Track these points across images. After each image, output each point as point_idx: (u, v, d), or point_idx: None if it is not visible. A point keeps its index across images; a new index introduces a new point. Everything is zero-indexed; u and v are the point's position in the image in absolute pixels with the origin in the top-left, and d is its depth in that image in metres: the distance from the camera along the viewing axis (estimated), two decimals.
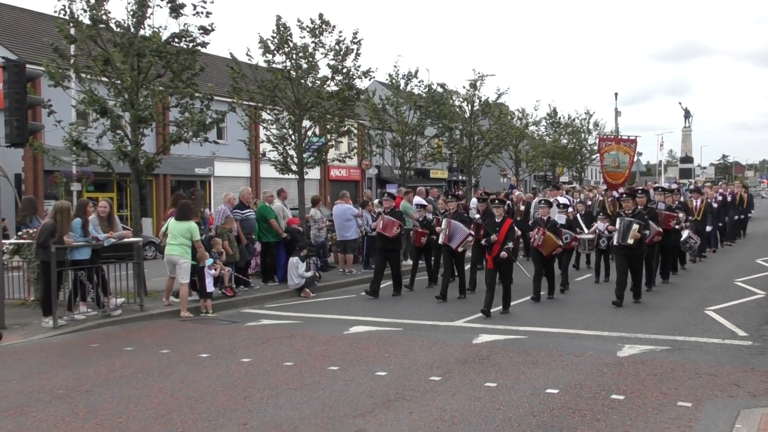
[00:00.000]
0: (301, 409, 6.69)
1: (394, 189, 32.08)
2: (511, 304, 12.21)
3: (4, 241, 12.15)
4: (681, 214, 16.02)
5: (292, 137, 19.56)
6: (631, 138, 25.75)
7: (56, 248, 10.99)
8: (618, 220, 12.73)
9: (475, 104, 32.03)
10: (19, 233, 13.49)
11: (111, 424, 6.34)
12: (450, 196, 15.15)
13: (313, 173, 37.25)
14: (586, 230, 15.85)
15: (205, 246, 12.87)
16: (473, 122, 32.06)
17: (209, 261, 12.81)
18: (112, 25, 13.76)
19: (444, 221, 13.89)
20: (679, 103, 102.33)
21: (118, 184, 31.12)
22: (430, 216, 15.61)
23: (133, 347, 9.76)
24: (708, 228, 20.35)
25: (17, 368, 8.63)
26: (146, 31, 13.86)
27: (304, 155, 19.60)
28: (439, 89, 30.01)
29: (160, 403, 6.92)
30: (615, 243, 12.73)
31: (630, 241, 12.30)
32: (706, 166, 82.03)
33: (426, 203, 17.12)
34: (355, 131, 23.66)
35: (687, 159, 70.40)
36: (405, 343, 9.56)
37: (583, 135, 49.38)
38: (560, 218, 14.31)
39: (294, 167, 19.61)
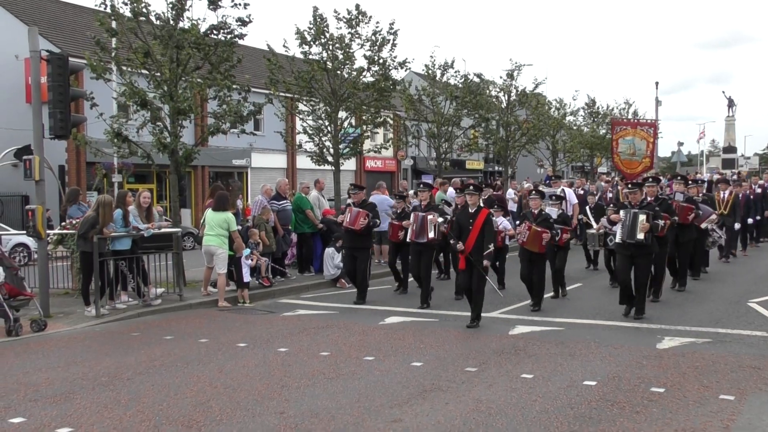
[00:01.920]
0: (337, 399, 6.73)
1: (429, 180, 32.01)
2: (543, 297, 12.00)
3: (48, 231, 12.42)
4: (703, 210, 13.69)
5: (328, 128, 19.62)
6: (649, 122, 23.14)
7: (97, 239, 11.20)
8: (622, 213, 10.69)
9: (512, 94, 31.71)
10: (63, 223, 13.78)
11: (152, 411, 6.45)
12: (422, 186, 13.26)
13: (349, 164, 37.33)
14: (595, 225, 14.52)
15: (242, 237, 13.00)
16: (510, 113, 31.77)
17: (246, 251, 12.94)
18: (152, 18, 13.95)
19: (412, 215, 12.34)
20: (723, 92, 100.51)
21: (158, 176, 31.58)
22: (412, 206, 13.47)
23: (172, 336, 9.92)
24: (736, 225, 17.69)
25: (62, 356, 8.83)
26: (185, 24, 14.02)
27: (340, 146, 19.66)
28: (476, 79, 29.80)
29: (199, 392, 7.03)
30: (618, 240, 10.70)
31: (640, 236, 10.25)
32: (750, 156, 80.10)
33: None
34: (391, 122, 23.63)
35: (730, 149, 68.89)
36: (441, 334, 9.55)
37: None
38: (551, 212, 12.50)
39: (330, 158, 19.69)
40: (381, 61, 19.87)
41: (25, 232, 13.64)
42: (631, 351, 8.43)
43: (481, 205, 10.51)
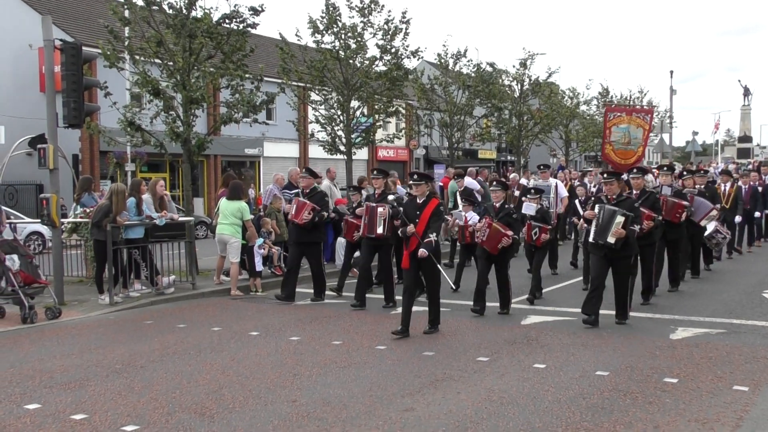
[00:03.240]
0: (349, 388, 6.75)
1: (442, 169, 31.98)
2: (552, 288, 11.92)
3: (62, 219, 12.50)
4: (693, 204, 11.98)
5: (341, 117, 19.61)
6: (645, 108, 21.02)
7: (111, 227, 11.25)
8: (597, 208, 9.33)
9: (525, 83, 31.57)
10: (77, 212, 13.86)
11: (165, 398, 6.50)
12: (376, 172, 11.51)
13: (361, 153, 37.30)
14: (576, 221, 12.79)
15: (254, 226, 13.03)
16: (523, 102, 31.63)
17: (259, 241, 12.97)
18: (165, 7, 13.96)
19: (364, 206, 11.12)
20: (738, 81, 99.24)
21: (171, 165, 31.67)
22: (365, 196, 12.31)
23: (185, 324, 9.97)
24: (737, 219, 16.00)
25: (76, 343, 8.90)
26: (198, 13, 14.02)
27: (353, 135, 19.64)
28: (489, 68, 29.66)
29: (212, 380, 7.07)
30: (591, 239, 9.37)
31: (611, 239, 8.96)
32: (765, 146, 79.40)
33: (477, 185, 16.43)
34: (403, 111, 23.59)
35: (746, 138, 68.18)
36: (453, 324, 9.55)
37: None
38: (529, 208, 11.27)
39: (342, 147, 19.68)
40: (393, 50, 19.83)
41: (39, 220, 13.72)
42: (643, 341, 8.40)
43: (431, 194, 9.23)
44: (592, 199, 10.65)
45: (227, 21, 14.21)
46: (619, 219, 8.95)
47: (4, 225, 11.08)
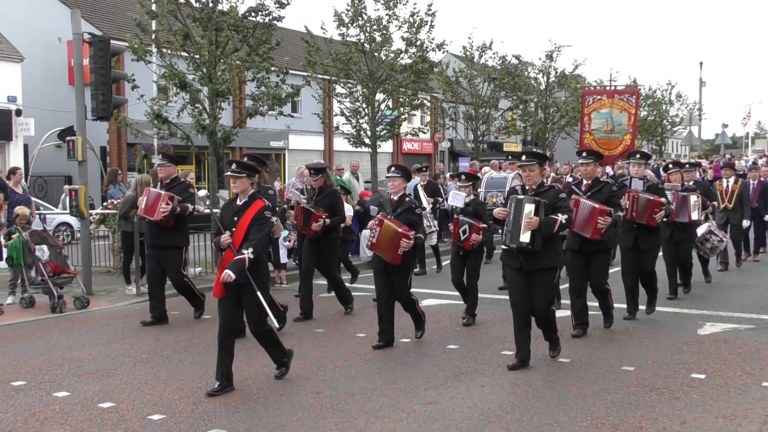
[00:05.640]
0: (373, 380, 6.76)
1: (466, 162, 31.84)
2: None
3: (90, 211, 12.66)
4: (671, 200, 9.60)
5: (366, 110, 19.61)
6: (630, 89, 18.18)
7: (138, 218, 11.36)
8: (509, 203, 7.09)
9: (551, 76, 31.32)
10: (105, 203, 14.04)
11: (191, 388, 6.56)
12: (312, 171, 9.90)
13: (386, 146, 37.24)
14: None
15: (279, 218, 13.08)
16: (549, 94, 31.38)
17: (284, 233, 13.02)
18: (192, 0, 14.03)
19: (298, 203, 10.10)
20: None
21: (197, 157, 31.91)
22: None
23: (210, 315, 10.03)
24: (745, 222, 13.43)
25: (104, 333, 9.02)
26: (224, 6, 14.08)
27: (377, 128, 19.64)
28: (514, 61, 29.47)
29: (236, 371, 7.10)
30: (503, 246, 7.20)
31: (524, 237, 6.83)
32: None
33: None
34: (428, 104, 23.52)
35: None
36: (477, 317, 9.51)
37: (664, 107, 47.70)
38: (457, 198, 9.15)
39: (367, 140, 19.68)
40: (419, 42, 19.76)
41: (68, 211, 13.90)
42: (671, 336, 8.31)
43: (255, 194, 6.75)
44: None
45: (253, 14, 14.25)
46: (528, 207, 6.86)
47: (33, 216, 11.27)
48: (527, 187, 7.17)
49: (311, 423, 5.67)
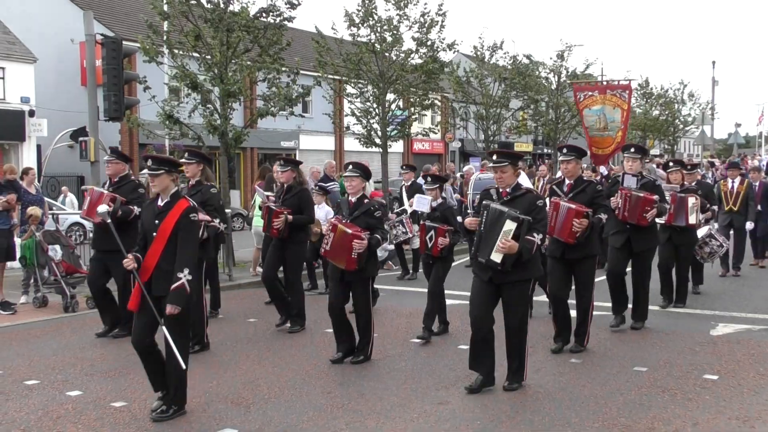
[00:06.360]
0: (384, 380, 6.76)
1: (477, 162, 31.78)
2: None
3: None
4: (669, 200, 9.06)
5: (376, 110, 19.63)
6: (622, 83, 16.90)
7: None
8: (483, 210, 6.20)
9: (562, 75, 31.25)
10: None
11: (202, 388, 6.58)
12: (281, 162, 9.26)
13: (397, 146, 37.26)
14: None
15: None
16: (560, 94, 31.31)
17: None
18: (203, 1, 14.10)
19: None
20: None
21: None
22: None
23: (222, 315, 10.08)
24: (748, 225, 12.58)
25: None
26: (235, 7, 14.14)
27: (388, 128, 19.65)
28: (525, 60, 29.42)
29: (248, 370, 7.14)
30: (472, 255, 6.49)
31: (496, 257, 6.01)
32: None
33: None
34: (439, 104, 23.52)
35: None
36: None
37: (676, 106, 47.48)
38: (422, 203, 8.46)
39: (378, 140, 19.70)
40: (429, 42, 19.76)
41: (78, 211, 13.96)
42: (683, 337, 8.26)
43: (180, 192, 6.01)
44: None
45: (264, 15, 14.33)
46: (509, 226, 5.93)
47: (46, 216, 11.33)
48: (501, 190, 6.33)
49: (322, 423, 5.67)
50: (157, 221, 5.75)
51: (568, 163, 7.53)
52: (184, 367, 5.67)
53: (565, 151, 7.65)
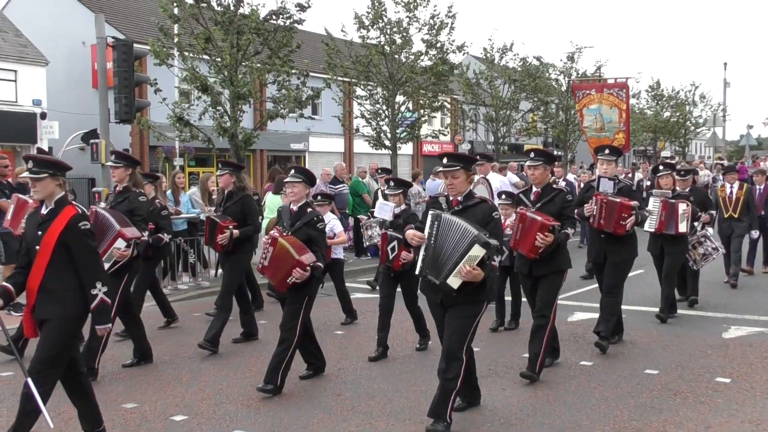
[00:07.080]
0: (393, 382, 6.76)
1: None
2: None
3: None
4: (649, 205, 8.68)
5: (386, 112, 19.65)
6: (619, 81, 16.09)
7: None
8: (430, 220, 5.32)
9: (573, 77, 31.18)
10: None
11: (213, 389, 6.60)
12: (220, 165, 8.49)
13: (406, 148, 37.27)
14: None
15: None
16: (570, 96, 31.23)
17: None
18: (213, 4, 14.16)
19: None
20: None
21: (218, 159, 32.11)
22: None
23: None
24: (753, 233, 11.98)
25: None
26: (245, 9, 14.19)
27: (398, 130, 19.66)
28: (535, 62, 29.38)
29: (258, 372, 7.14)
30: (417, 272, 5.43)
31: (453, 281, 5.16)
32: None
33: (518, 179, 15.84)
34: (449, 106, 23.53)
35: None
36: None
37: (687, 108, 47.30)
38: (384, 210, 7.89)
39: (387, 142, 19.72)
40: (439, 45, 19.77)
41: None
42: (695, 340, 8.21)
43: (70, 200, 5.07)
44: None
45: (274, 17, 14.38)
46: (477, 252, 5.05)
47: None
48: (451, 199, 5.49)
49: (332, 425, 5.67)
50: (39, 232, 4.88)
51: (535, 168, 6.77)
52: (51, 426, 4.76)
53: (532, 155, 6.84)
